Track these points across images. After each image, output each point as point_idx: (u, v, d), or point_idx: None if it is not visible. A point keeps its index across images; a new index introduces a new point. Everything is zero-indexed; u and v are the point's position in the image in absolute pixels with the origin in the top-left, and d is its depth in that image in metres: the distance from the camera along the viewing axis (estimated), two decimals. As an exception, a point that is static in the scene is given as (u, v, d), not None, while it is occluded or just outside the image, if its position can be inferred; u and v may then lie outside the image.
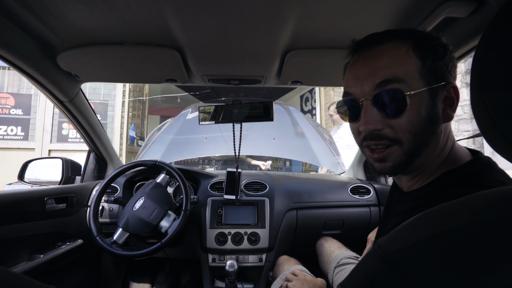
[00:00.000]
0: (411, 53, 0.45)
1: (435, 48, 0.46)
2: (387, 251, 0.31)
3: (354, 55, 0.52)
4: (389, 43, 0.47)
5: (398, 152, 0.47)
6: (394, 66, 0.45)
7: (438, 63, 0.46)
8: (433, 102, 0.45)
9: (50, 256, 1.04)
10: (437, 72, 0.46)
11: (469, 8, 0.60)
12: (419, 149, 0.46)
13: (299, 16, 0.70)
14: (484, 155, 0.48)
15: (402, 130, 0.45)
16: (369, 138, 0.48)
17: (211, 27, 0.73)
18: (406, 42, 0.46)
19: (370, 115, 0.47)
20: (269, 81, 1.11)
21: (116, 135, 4.91)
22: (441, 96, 0.46)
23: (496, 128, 0.28)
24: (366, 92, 0.47)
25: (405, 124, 0.45)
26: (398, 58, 0.46)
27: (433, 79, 0.45)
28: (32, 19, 0.72)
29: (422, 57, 0.45)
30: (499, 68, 0.27)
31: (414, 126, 0.45)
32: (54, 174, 1.39)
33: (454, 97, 0.47)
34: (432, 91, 0.45)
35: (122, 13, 0.69)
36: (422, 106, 0.45)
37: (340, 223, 1.36)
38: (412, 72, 0.45)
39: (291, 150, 2.30)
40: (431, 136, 0.46)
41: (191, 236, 1.34)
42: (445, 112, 0.47)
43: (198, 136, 2.21)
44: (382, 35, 0.49)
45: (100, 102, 4.95)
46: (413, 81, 0.44)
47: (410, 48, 0.46)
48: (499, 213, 0.27)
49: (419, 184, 0.51)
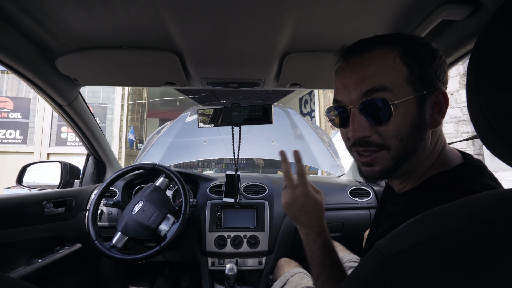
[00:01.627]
0: (398, 60, 0.46)
1: (423, 54, 0.46)
2: (385, 254, 0.31)
3: (343, 61, 0.52)
4: (376, 50, 0.48)
5: (386, 157, 0.47)
6: (381, 74, 0.46)
7: (426, 70, 0.46)
8: (421, 109, 0.46)
9: (48, 261, 1.03)
10: (425, 79, 0.46)
11: (465, 11, 0.60)
12: (407, 155, 0.47)
13: (297, 19, 0.70)
14: (474, 159, 0.49)
15: (389, 137, 0.46)
16: (357, 144, 0.49)
17: (209, 30, 0.73)
18: (394, 49, 0.47)
19: (358, 122, 0.48)
20: (268, 84, 1.11)
21: (115, 138, 4.91)
22: (429, 102, 0.47)
23: (492, 130, 0.28)
24: (354, 100, 0.48)
25: (392, 131, 0.46)
26: (385, 66, 0.46)
27: (421, 85, 0.46)
28: (31, 23, 0.72)
29: (409, 64, 0.46)
30: (495, 70, 0.27)
31: (401, 132, 0.46)
32: (53, 178, 1.39)
33: (442, 103, 0.47)
34: (419, 98, 0.46)
35: (120, 17, 0.69)
36: (409, 113, 0.45)
37: (340, 226, 1.35)
38: (398, 80, 0.45)
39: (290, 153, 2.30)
40: (419, 142, 0.47)
41: (190, 240, 1.33)
42: (433, 117, 0.47)
43: (197, 139, 2.21)
44: (370, 42, 0.49)
45: (99, 105, 4.95)
46: (399, 89, 0.45)
47: (397, 55, 0.46)
48: (496, 216, 0.27)
49: (410, 186, 0.51)
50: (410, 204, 0.48)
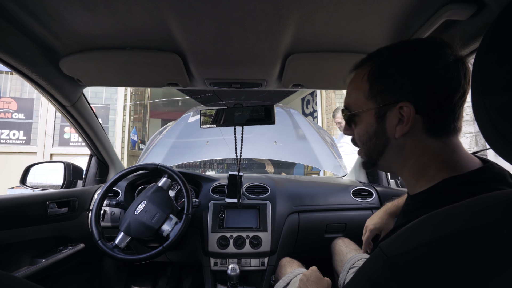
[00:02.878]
0: (365, 78, 0.52)
1: (387, 67, 0.50)
2: (390, 255, 0.31)
3: None
4: (358, 70, 0.55)
5: (363, 153, 0.58)
6: (349, 95, 0.57)
7: (388, 84, 0.49)
8: (379, 120, 0.51)
9: (51, 261, 1.03)
10: (386, 93, 0.50)
11: (469, 11, 0.60)
12: (374, 155, 0.55)
13: (300, 20, 0.70)
14: (495, 165, 0.48)
15: (357, 139, 0.58)
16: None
17: (212, 31, 0.74)
18: (368, 67, 0.52)
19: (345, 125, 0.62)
20: (270, 85, 1.11)
21: (117, 138, 4.93)
22: (393, 113, 0.50)
23: (497, 131, 0.28)
24: None
25: (356, 135, 0.57)
26: (353, 85, 0.56)
27: (381, 99, 0.50)
28: (35, 25, 0.72)
29: (372, 80, 0.51)
30: (499, 71, 0.27)
31: (361, 137, 0.56)
32: (56, 178, 1.39)
33: (403, 115, 0.48)
34: (377, 110, 0.51)
35: (124, 18, 0.69)
36: (365, 123, 0.54)
37: (342, 226, 1.35)
38: (358, 98, 0.54)
39: (292, 153, 2.30)
40: (382, 147, 0.53)
41: (193, 240, 1.33)
42: (399, 127, 0.50)
43: (199, 140, 2.22)
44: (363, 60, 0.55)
45: (101, 106, 4.97)
46: (360, 105, 0.54)
47: (366, 73, 0.52)
48: (500, 216, 0.27)
49: (421, 188, 0.51)
50: (419, 205, 0.48)
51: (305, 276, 0.78)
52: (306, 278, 0.78)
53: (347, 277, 0.96)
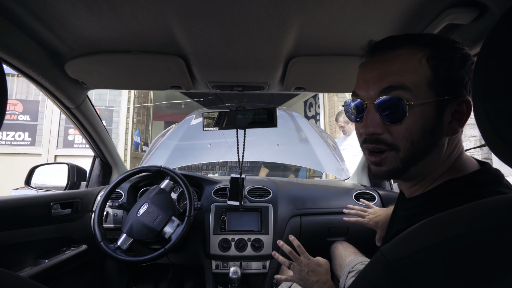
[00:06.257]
0: (423, 62, 0.45)
1: (452, 58, 0.44)
2: (390, 259, 0.31)
3: (368, 56, 0.51)
4: (403, 49, 0.47)
5: (394, 158, 0.47)
6: (403, 73, 0.45)
7: (452, 75, 0.44)
8: (439, 114, 0.45)
9: (54, 261, 1.04)
10: (450, 84, 0.44)
11: (471, 15, 0.60)
12: (416, 158, 0.46)
13: (302, 24, 0.70)
14: (492, 167, 0.47)
15: (400, 137, 0.46)
16: (368, 140, 0.49)
17: (215, 35, 0.74)
18: (422, 50, 0.45)
19: (372, 118, 0.47)
20: (272, 88, 1.12)
21: (121, 140, 4.96)
22: (450, 108, 0.45)
23: (498, 136, 0.28)
24: (371, 96, 0.48)
25: (403, 132, 0.45)
26: (408, 65, 0.45)
27: (444, 90, 0.44)
28: (42, 29, 0.74)
29: (435, 67, 0.44)
30: (501, 76, 0.27)
31: (412, 135, 0.45)
32: (60, 180, 1.41)
33: (464, 111, 0.45)
34: (439, 103, 0.44)
35: (128, 23, 0.70)
36: (424, 116, 0.44)
37: (344, 230, 1.34)
38: (420, 81, 0.44)
39: (295, 156, 2.30)
40: (431, 147, 0.46)
41: (194, 242, 1.33)
42: (451, 125, 0.46)
43: (202, 142, 2.22)
44: (397, 40, 0.48)
45: (105, 108, 5.01)
46: (419, 91, 0.44)
47: (424, 56, 0.45)
48: (502, 221, 0.27)
49: (420, 190, 0.51)
50: (419, 209, 0.47)
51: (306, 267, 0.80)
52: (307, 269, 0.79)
53: (346, 282, 0.96)
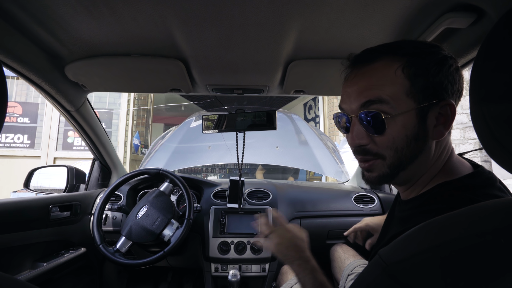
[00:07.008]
0: (399, 73, 0.45)
1: (428, 65, 0.45)
2: (388, 262, 0.31)
3: (349, 70, 0.53)
4: (379, 62, 0.48)
5: (382, 165, 0.49)
6: (380, 87, 0.46)
7: (430, 81, 0.45)
8: (421, 121, 0.45)
9: (53, 265, 1.04)
10: (429, 91, 0.45)
11: (469, 19, 0.60)
12: (403, 164, 0.48)
13: (301, 28, 0.71)
14: (485, 170, 0.48)
15: (383, 146, 0.47)
16: (356, 152, 0.52)
17: (215, 38, 0.75)
18: (397, 60, 0.46)
19: (357, 131, 0.49)
20: (272, 90, 1.12)
21: (120, 143, 4.96)
22: (433, 113, 0.46)
23: (495, 139, 0.28)
24: (354, 110, 0.49)
25: (387, 142, 0.47)
26: (385, 78, 0.46)
27: (424, 97, 0.45)
28: (43, 32, 0.74)
29: (411, 76, 0.45)
30: (498, 80, 0.28)
31: (396, 143, 0.46)
32: (59, 182, 1.40)
33: (449, 114, 0.46)
34: (420, 110, 0.45)
35: (128, 26, 0.71)
36: (406, 125, 0.46)
37: (343, 233, 1.34)
38: (397, 93, 0.45)
39: (294, 158, 2.30)
40: (417, 152, 0.47)
41: (194, 245, 1.33)
42: (437, 129, 0.46)
43: (201, 145, 2.23)
44: (374, 52, 0.49)
45: (105, 110, 5.02)
46: (397, 102, 0.45)
47: (399, 67, 0.46)
48: (499, 225, 0.27)
49: (415, 193, 0.51)
50: (415, 211, 0.48)
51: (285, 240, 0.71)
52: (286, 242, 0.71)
53: (346, 284, 0.96)
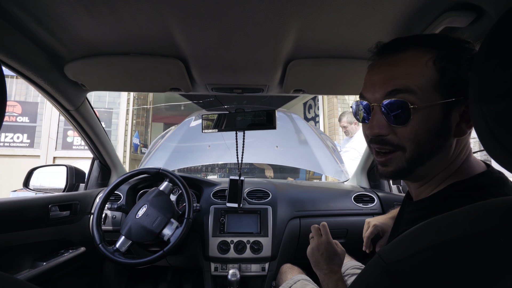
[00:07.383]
0: (430, 64, 0.44)
1: (460, 60, 0.44)
2: (388, 261, 0.31)
3: (375, 59, 0.52)
4: (409, 52, 0.47)
5: (400, 158, 0.48)
6: (408, 76, 0.45)
7: (460, 77, 0.44)
8: (445, 116, 0.44)
9: (53, 264, 1.04)
10: (457, 86, 0.44)
11: (468, 18, 0.60)
12: (422, 159, 0.46)
13: (301, 27, 0.71)
14: (495, 169, 0.47)
15: (405, 139, 0.46)
16: (374, 141, 0.50)
17: (214, 37, 0.75)
18: (428, 52, 0.45)
19: (378, 120, 0.48)
20: (271, 90, 1.12)
21: (120, 142, 4.95)
22: (458, 110, 0.45)
23: (495, 139, 0.28)
24: (377, 98, 0.48)
25: (409, 133, 0.46)
26: (414, 68, 0.45)
27: (451, 92, 0.44)
28: (42, 32, 0.74)
29: (441, 69, 0.44)
30: (497, 79, 0.28)
31: (418, 136, 0.45)
32: (59, 181, 1.40)
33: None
34: (446, 105, 0.44)
35: (128, 25, 0.71)
36: (430, 118, 0.44)
37: (343, 232, 1.34)
38: (425, 84, 0.44)
39: (294, 158, 2.30)
40: (437, 148, 0.46)
41: (193, 245, 1.33)
42: (459, 126, 0.45)
43: (201, 144, 2.22)
44: (405, 42, 0.48)
45: (105, 110, 5.01)
46: (424, 93, 0.44)
47: (430, 59, 0.44)
48: (498, 224, 0.27)
49: (426, 193, 0.51)
50: (424, 212, 0.47)
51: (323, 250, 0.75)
52: (323, 252, 0.74)
53: None
